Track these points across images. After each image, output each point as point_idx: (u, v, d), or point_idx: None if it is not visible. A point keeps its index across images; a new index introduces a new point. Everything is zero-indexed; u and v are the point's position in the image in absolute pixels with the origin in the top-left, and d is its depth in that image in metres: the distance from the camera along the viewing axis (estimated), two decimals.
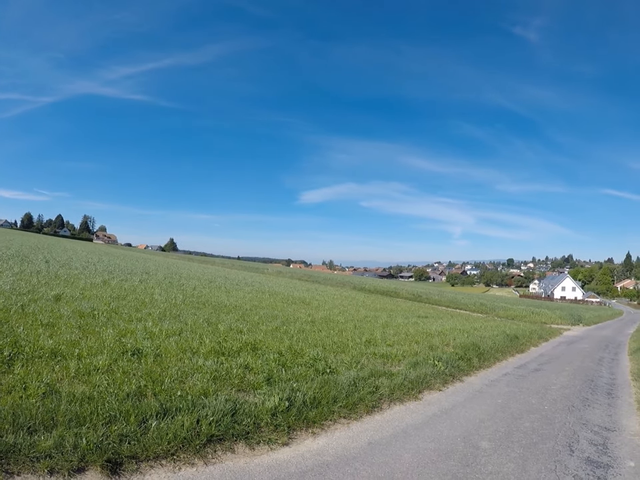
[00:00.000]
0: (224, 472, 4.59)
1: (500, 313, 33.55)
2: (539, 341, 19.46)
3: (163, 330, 9.58)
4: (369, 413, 6.99)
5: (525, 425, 7.23)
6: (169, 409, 5.31)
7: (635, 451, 6.50)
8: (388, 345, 11.84)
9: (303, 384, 7.05)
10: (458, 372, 10.34)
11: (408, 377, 8.68)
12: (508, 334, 17.58)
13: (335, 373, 8.17)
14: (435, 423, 6.92)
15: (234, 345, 9.05)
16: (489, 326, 20.82)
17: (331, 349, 10.23)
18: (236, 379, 6.94)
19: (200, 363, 7.42)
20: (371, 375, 8.40)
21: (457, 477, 5.05)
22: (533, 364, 13.37)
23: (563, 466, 5.66)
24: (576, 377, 11.91)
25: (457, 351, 12.00)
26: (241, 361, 7.85)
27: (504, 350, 14.48)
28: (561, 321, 33.21)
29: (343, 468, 5.01)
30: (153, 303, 13.74)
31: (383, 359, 10.01)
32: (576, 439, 6.77)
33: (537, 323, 29.80)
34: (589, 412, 8.42)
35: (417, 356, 10.63)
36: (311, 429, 6.04)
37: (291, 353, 9.14)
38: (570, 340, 22.46)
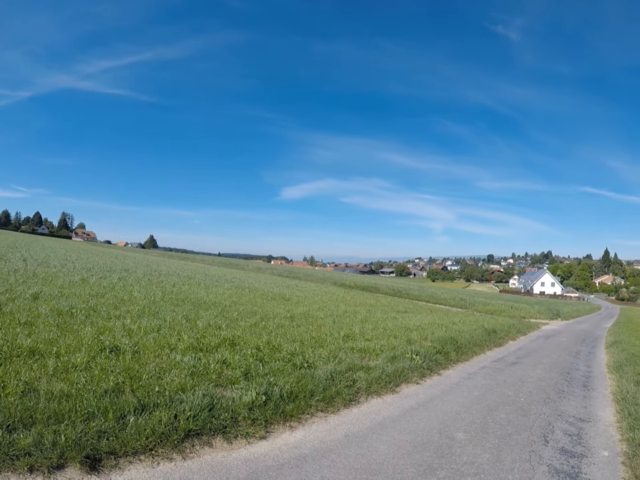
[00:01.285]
0: (202, 466, 4.63)
1: (479, 308, 33.97)
2: (517, 335, 19.80)
3: (142, 327, 9.56)
4: (346, 406, 7.06)
5: (500, 416, 7.37)
6: (146, 405, 5.31)
7: (609, 441, 6.67)
8: (366, 339, 11.92)
9: (280, 378, 7.10)
10: (435, 365, 10.48)
11: (385, 371, 8.77)
12: (486, 328, 17.84)
13: (312, 367, 8.23)
14: (411, 416, 7.02)
15: (212, 341, 9.07)
16: (468, 320, 21.08)
17: (309, 343, 10.27)
18: (214, 374, 6.96)
19: (178, 359, 7.43)
20: (348, 369, 8.46)
21: (431, 468, 5.14)
22: (511, 357, 13.62)
23: (537, 456, 5.80)
24: (552, 369, 12.16)
25: (434, 345, 12.13)
26: (219, 357, 7.88)
27: (482, 344, 14.71)
28: (539, 316, 33.81)
29: (319, 460, 5.08)
30: (131, 300, 13.71)
31: (361, 353, 10.08)
32: (551, 429, 6.93)
33: (516, 317, 30.25)
34: (564, 403, 8.61)
35: (394, 350, 10.73)
36: (289, 422, 6.10)
37: (269, 348, 9.18)
38: (548, 334, 22.87)
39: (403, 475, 4.91)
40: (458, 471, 5.13)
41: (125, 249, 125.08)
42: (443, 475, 4.99)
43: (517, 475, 5.14)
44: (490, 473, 5.13)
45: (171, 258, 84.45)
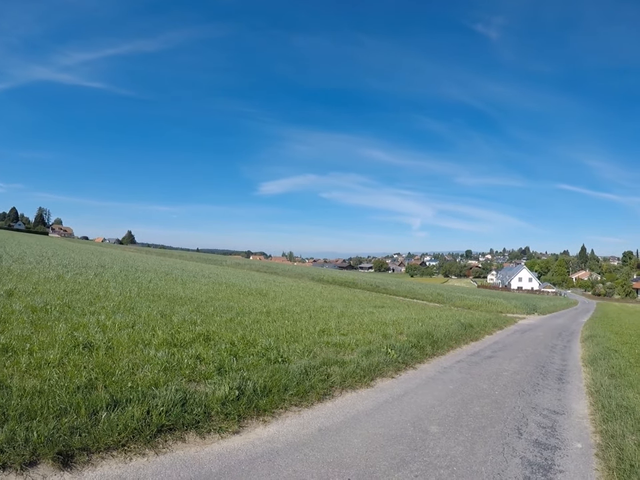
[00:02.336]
0: (174, 461, 4.62)
1: (457, 303, 34.33)
2: (494, 329, 20.08)
3: (116, 323, 9.47)
4: (320, 401, 7.09)
5: (475, 409, 7.45)
6: (119, 400, 5.28)
7: (583, 433, 6.80)
8: (342, 334, 11.95)
9: (254, 373, 7.09)
10: (411, 360, 10.55)
11: (360, 365, 8.82)
12: (463, 322, 18.02)
13: (286, 361, 8.24)
14: (385, 409, 7.06)
15: (187, 336, 9.03)
16: (445, 315, 21.23)
17: (285, 338, 10.27)
18: (187, 370, 6.93)
19: (152, 354, 7.37)
20: (323, 363, 8.48)
21: (404, 461, 5.17)
22: (487, 351, 13.79)
23: (511, 448, 5.87)
24: (528, 363, 12.35)
25: (410, 339, 12.21)
26: (192, 352, 7.85)
27: (458, 338, 14.87)
28: (516, 310, 34.32)
29: (292, 454, 5.09)
30: (107, 296, 13.58)
31: (336, 348, 10.09)
32: (525, 422, 7.03)
33: (493, 312, 30.67)
34: (539, 396, 8.74)
35: (370, 344, 10.78)
36: (262, 417, 6.10)
37: (244, 343, 9.15)
38: (524, 328, 23.22)
39: (376, 468, 4.93)
40: (431, 463, 5.17)
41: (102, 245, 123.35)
42: (415, 467, 5.02)
43: (489, 467, 5.20)
44: (463, 466, 5.18)
45: (149, 254, 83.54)
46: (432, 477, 4.82)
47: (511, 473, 5.09)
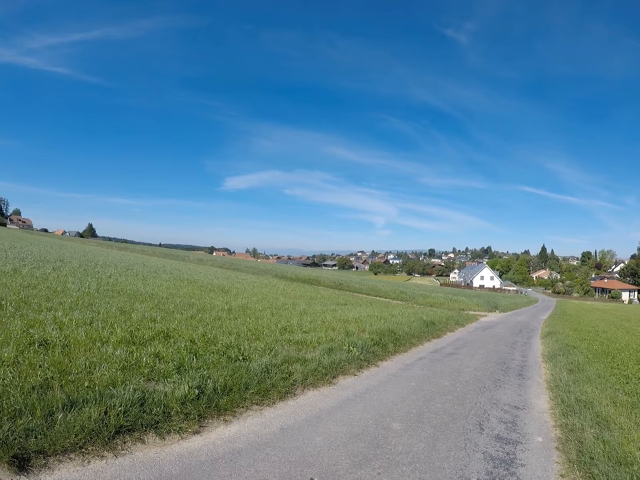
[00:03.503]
0: (134, 463, 4.54)
1: (419, 300, 34.68)
2: (456, 326, 20.42)
3: (74, 320, 9.26)
4: (281, 399, 7.07)
5: (436, 406, 7.55)
6: (76, 401, 5.15)
7: (543, 427, 6.99)
8: (304, 331, 11.93)
9: (215, 371, 7.02)
10: (373, 357, 10.64)
11: (322, 363, 8.83)
12: (425, 320, 18.25)
13: (247, 359, 8.18)
14: (348, 407, 7.09)
15: (146, 334, 8.88)
16: (407, 313, 21.46)
17: (246, 336, 10.19)
18: (146, 368, 6.81)
19: (109, 352, 7.23)
20: (284, 361, 8.46)
21: (367, 458, 5.21)
22: (448, 348, 14.00)
23: (472, 443, 5.99)
24: (489, 359, 12.60)
25: (372, 336, 12.30)
26: (152, 350, 7.73)
27: (420, 335, 15.06)
28: (478, 308, 34.96)
29: (254, 454, 5.07)
30: (65, 291, 13.31)
31: (298, 346, 10.08)
32: (486, 417, 7.18)
33: (455, 309, 31.14)
34: (499, 392, 8.93)
35: (332, 342, 10.80)
36: (223, 416, 6.06)
37: (204, 341, 9.06)
38: (486, 325, 23.68)
39: (338, 466, 4.95)
40: (393, 460, 5.21)
41: (62, 238, 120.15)
42: (378, 465, 5.06)
43: (452, 463, 5.28)
44: (425, 462, 5.24)
45: (110, 248, 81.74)
46: (395, 474, 4.86)
47: (473, 468, 5.18)
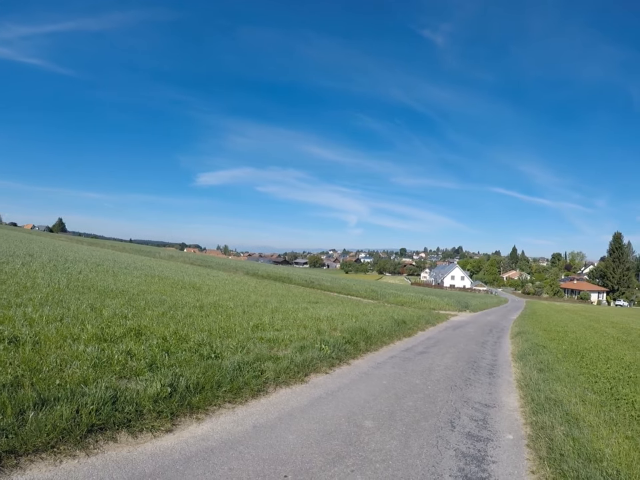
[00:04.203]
0: (106, 462, 4.51)
1: (390, 299, 34.99)
2: (427, 325, 20.71)
3: (44, 316, 9.11)
4: (254, 397, 7.10)
5: (408, 404, 7.66)
6: (47, 399, 5.08)
7: (513, 425, 7.16)
8: (276, 329, 11.95)
9: (187, 369, 7.01)
10: (345, 355, 10.73)
11: (294, 361, 8.88)
12: (396, 319, 18.45)
13: (219, 357, 8.18)
14: (320, 405, 7.14)
15: (117, 331, 8.78)
16: (378, 311, 21.65)
17: (218, 334, 10.17)
18: (117, 366, 6.75)
19: (81, 349, 7.13)
20: (256, 359, 8.47)
21: (340, 456, 5.26)
22: (419, 347, 14.19)
23: (444, 441, 6.09)
24: (460, 358, 12.81)
25: (344, 335, 12.40)
26: (123, 347, 7.66)
27: (391, 334, 15.24)
28: (448, 307, 35.44)
29: (227, 452, 5.08)
30: (35, 287, 13.09)
31: (270, 344, 10.10)
32: (457, 415, 7.31)
33: (426, 309, 31.49)
34: (470, 390, 9.10)
35: (304, 340, 10.86)
36: (195, 414, 6.06)
37: (176, 339, 9.01)
38: (456, 325, 24.03)
39: (312, 463, 4.99)
40: (366, 458, 5.28)
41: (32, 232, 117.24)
42: (351, 462, 5.12)
43: (424, 460, 5.37)
44: (398, 459, 5.32)
45: (80, 243, 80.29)
46: (368, 471, 4.92)
47: (445, 465, 5.28)
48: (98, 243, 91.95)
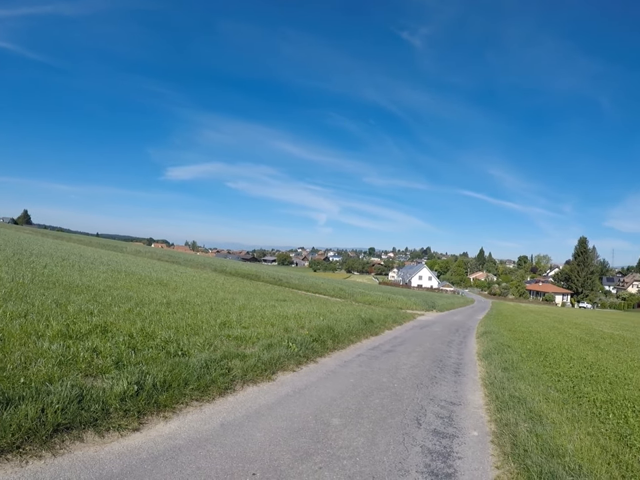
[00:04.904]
0: (73, 462, 4.46)
1: (358, 298, 35.22)
2: (394, 324, 20.94)
3: (7, 312, 8.92)
4: (221, 395, 7.11)
5: (375, 401, 7.77)
6: (11, 398, 4.97)
7: (478, 422, 7.33)
8: (243, 327, 11.94)
9: (154, 367, 6.96)
10: (312, 353, 10.81)
11: (261, 359, 8.90)
12: (363, 317, 18.62)
13: (186, 355, 8.15)
14: (287, 403, 7.19)
15: (83, 328, 8.66)
16: (346, 310, 21.83)
17: (185, 331, 10.12)
18: (83, 364, 6.66)
19: (46, 346, 7.02)
20: (224, 356, 8.48)
21: (308, 453, 5.32)
22: (386, 346, 14.36)
23: (411, 438, 6.21)
24: (426, 357, 13.02)
25: (311, 333, 12.46)
26: (89, 344, 7.55)
27: (358, 333, 15.40)
28: (415, 307, 35.86)
29: (195, 450, 5.09)
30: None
31: (237, 341, 10.10)
32: (424, 413, 7.45)
33: (393, 308, 31.78)
34: (436, 388, 9.27)
35: (271, 338, 10.89)
36: (162, 412, 6.04)
37: (143, 336, 8.93)
38: (423, 324, 24.35)
39: (280, 461, 5.03)
40: (334, 455, 5.35)
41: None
42: (319, 459, 5.19)
43: (391, 457, 5.47)
44: (365, 456, 5.41)
45: (45, 236, 78.56)
46: (336, 468, 4.99)
47: (412, 461, 5.39)
48: (64, 237, 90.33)
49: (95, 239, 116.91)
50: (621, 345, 21.14)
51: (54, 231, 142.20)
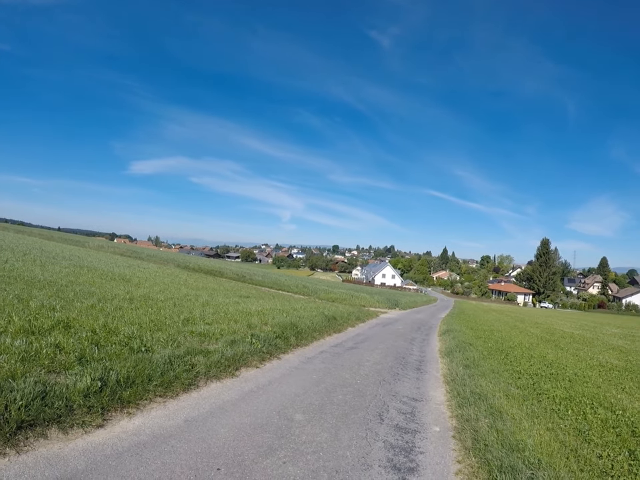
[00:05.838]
0: (37, 460, 4.45)
1: (321, 295, 35.47)
2: (356, 322, 21.21)
3: None
4: (185, 391, 7.14)
5: (338, 397, 7.90)
6: None
7: (440, 418, 7.53)
8: (206, 323, 11.92)
9: (117, 363, 6.93)
10: (275, 350, 10.89)
11: (225, 355, 8.94)
12: (326, 315, 18.81)
13: (150, 351, 8.13)
14: (251, 399, 7.26)
15: (46, 323, 8.54)
16: (309, 307, 21.95)
17: (148, 327, 10.06)
18: (46, 360, 6.59)
19: (8, 342, 6.91)
20: (187, 352, 8.48)
21: (271, 448, 5.40)
22: (349, 343, 14.55)
23: (373, 433, 6.35)
24: (389, 354, 13.23)
25: (275, 329, 12.54)
26: (52, 340, 7.47)
27: (322, 330, 15.57)
28: (379, 305, 36.26)
29: (159, 446, 5.12)
30: None
31: (201, 337, 10.09)
32: (386, 409, 7.61)
33: (356, 305, 32.14)
34: (399, 385, 9.45)
35: (235, 334, 10.90)
36: (126, 408, 6.05)
37: (106, 331, 8.86)
38: (386, 322, 24.70)
39: (244, 456, 5.11)
40: (297, 450, 5.45)
41: None
42: (283, 454, 5.27)
43: (354, 451, 5.59)
44: (328, 451, 5.52)
45: (5, 230, 76.15)
46: (299, 463, 5.09)
47: (374, 456, 5.53)
48: (25, 231, 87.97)
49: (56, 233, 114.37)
50: (580, 344, 21.78)
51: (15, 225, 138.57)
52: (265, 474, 4.74)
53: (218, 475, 4.61)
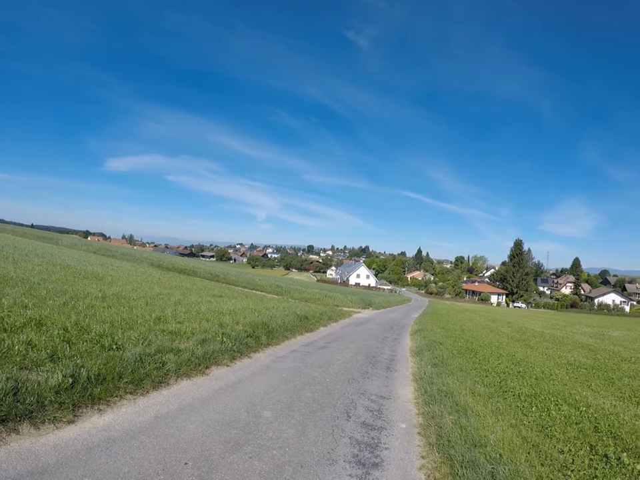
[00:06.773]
0: (9, 455, 4.53)
1: (295, 295, 35.59)
2: (329, 321, 21.42)
3: None
4: (155, 388, 7.24)
5: (306, 395, 8.06)
6: None
7: (407, 415, 7.73)
8: (178, 322, 11.96)
9: (88, 360, 6.99)
10: (246, 349, 11.02)
11: (195, 353, 9.05)
12: (298, 314, 18.96)
13: (121, 349, 8.19)
14: (220, 396, 7.39)
15: (17, 321, 8.56)
16: (281, 306, 22.06)
17: (119, 325, 10.09)
18: (18, 357, 6.64)
19: None
20: (158, 350, 8.58)
21: (239, 444, 5.55)
22: (320, 342, 14.74)
23: (340, 430, 6.52)
24: (359, 353, 13.43)
25: (246, 328, 12.65)
26: (24, 337, 7.50)
27: (293, 329, 15.73)
28: (352, 305, 36.52)
29: (129, 442, 5.23)
30: None
31: (172, 336, 10.15)
32: (354, 406, 7.79)
33: (330, 305, 32.38)
34: (367, 383, 9.64)
35: (206, 333, 10.99)
36: (97, 405, 6.13)
37: (77, 329, 8.88)
38: (358, 321, 24.95)
39: (212, 451, 5.24)
40: (264, 445, 5.59)
41: None
42: (249, 449, 5.42)
43: (320, 447, 5.76)
44: (294, 447, 5.68)
45: None
46: (265, 458, 5.24)
47: (340, 452, 5.70)
48: None
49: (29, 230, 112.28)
50: (550, 342, 22.30)
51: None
52: (231, 468, 4.88)
53: (185, 469, 4.73)
